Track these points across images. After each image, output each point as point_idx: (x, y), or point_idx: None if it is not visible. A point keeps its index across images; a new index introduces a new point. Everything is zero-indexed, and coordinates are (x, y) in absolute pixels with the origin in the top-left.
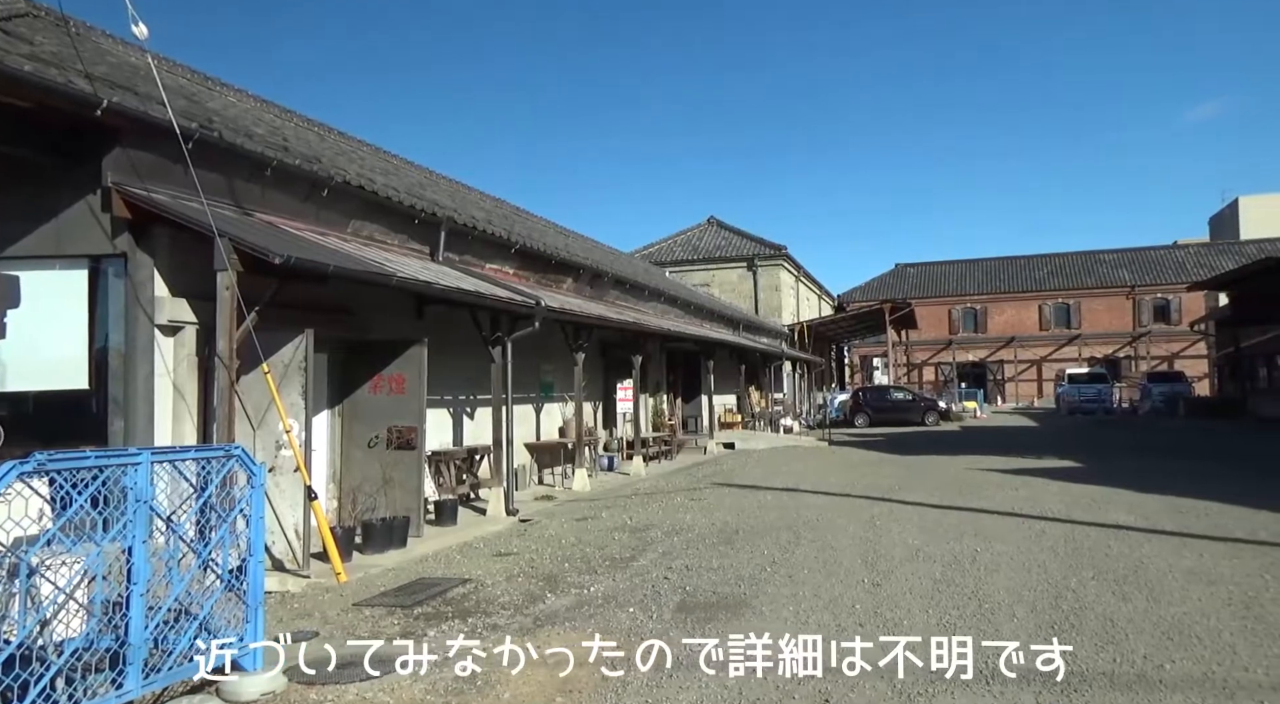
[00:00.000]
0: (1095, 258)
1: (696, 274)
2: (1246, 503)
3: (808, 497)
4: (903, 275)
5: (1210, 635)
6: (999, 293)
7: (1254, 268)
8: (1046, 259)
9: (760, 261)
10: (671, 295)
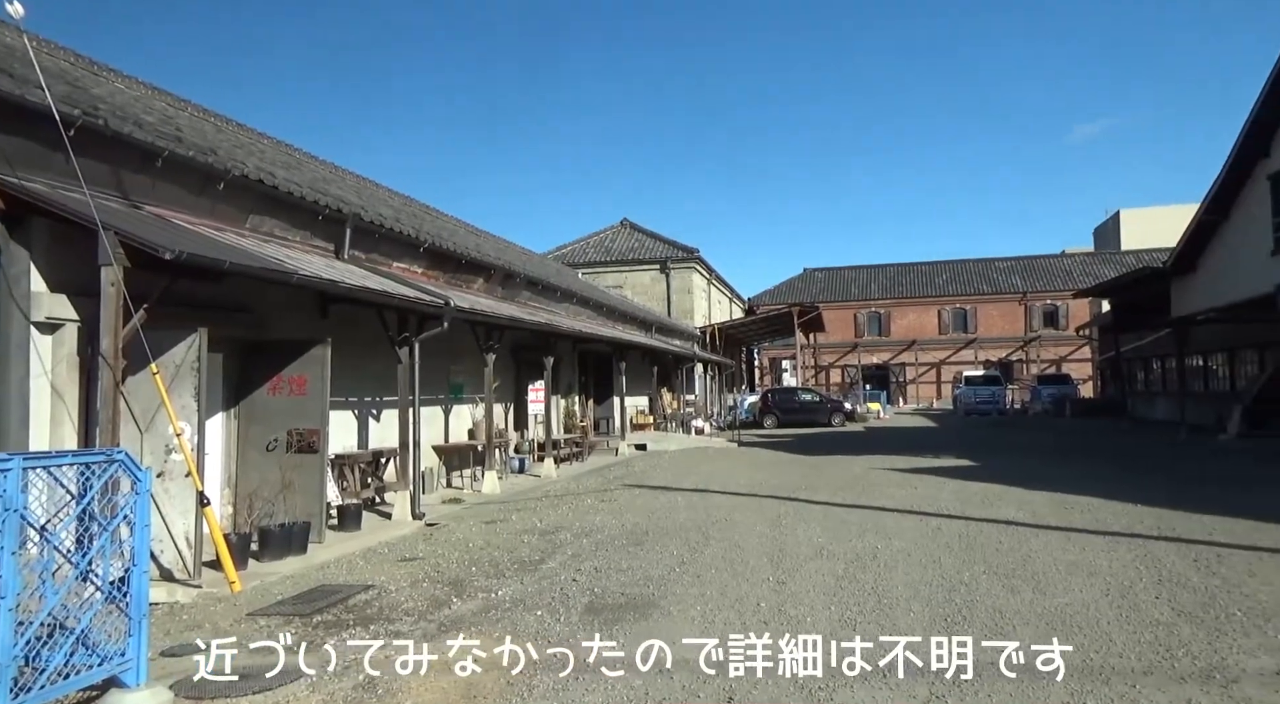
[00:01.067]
0: (990, 265)
1: (609, 276)
2: (1123, 498)
3: (717, 497)
4: (811, 280)
5: (1090, 624)
6: (902, 298)
7: (1132, 277)
8: (946, 266)
9: (673, 264)
10: (584, 297)
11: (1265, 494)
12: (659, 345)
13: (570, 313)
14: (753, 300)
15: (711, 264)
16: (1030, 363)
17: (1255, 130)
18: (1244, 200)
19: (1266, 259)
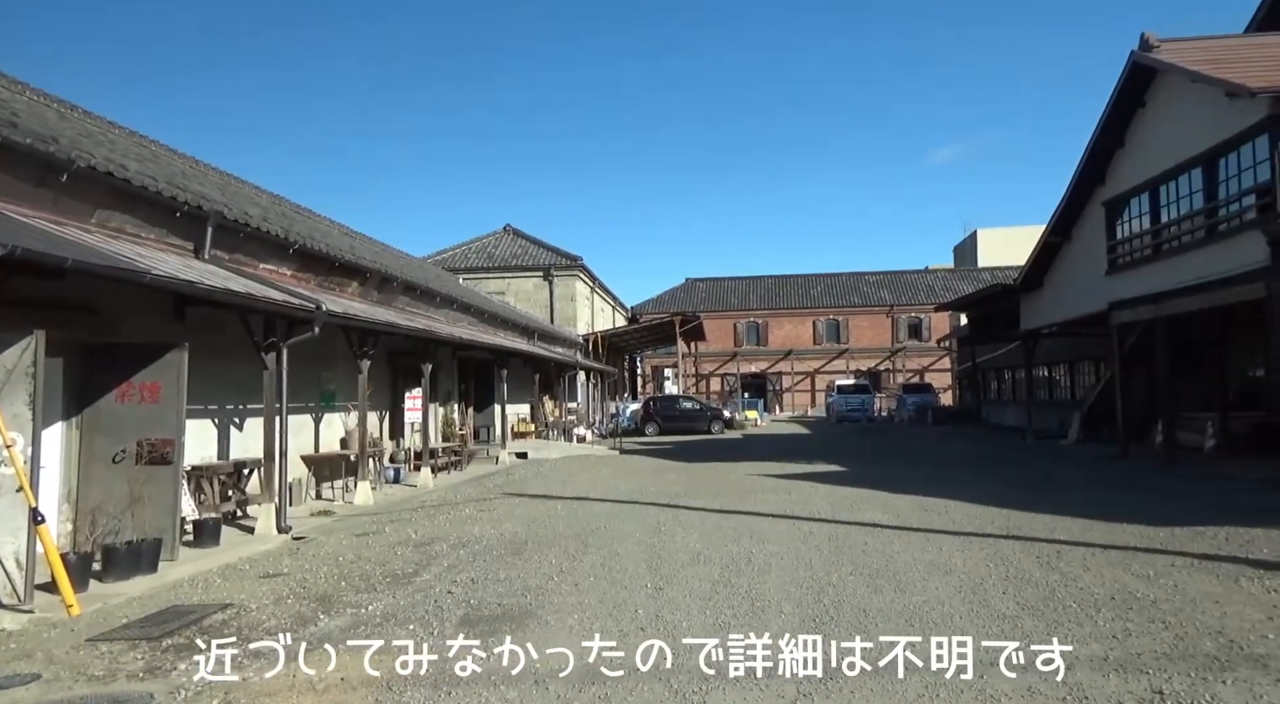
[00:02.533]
0: (861, 279)
1: (492, 282)
2: (977, 501)
3: (597, 504)
4: (693, 289)
5: (944, 620)
6: (779, 309)
7: (986, 292)
8: (820, 278)
9: (556, 272)
10: (465, 303)
11: (1097, 495)
12: (542, 353)
13: (450, 319)
14: (636, 309)
15: (595, 272)
16: (897, 372)
17: (1092, 159)
18: (1083, 224)
19: (1101, 279)
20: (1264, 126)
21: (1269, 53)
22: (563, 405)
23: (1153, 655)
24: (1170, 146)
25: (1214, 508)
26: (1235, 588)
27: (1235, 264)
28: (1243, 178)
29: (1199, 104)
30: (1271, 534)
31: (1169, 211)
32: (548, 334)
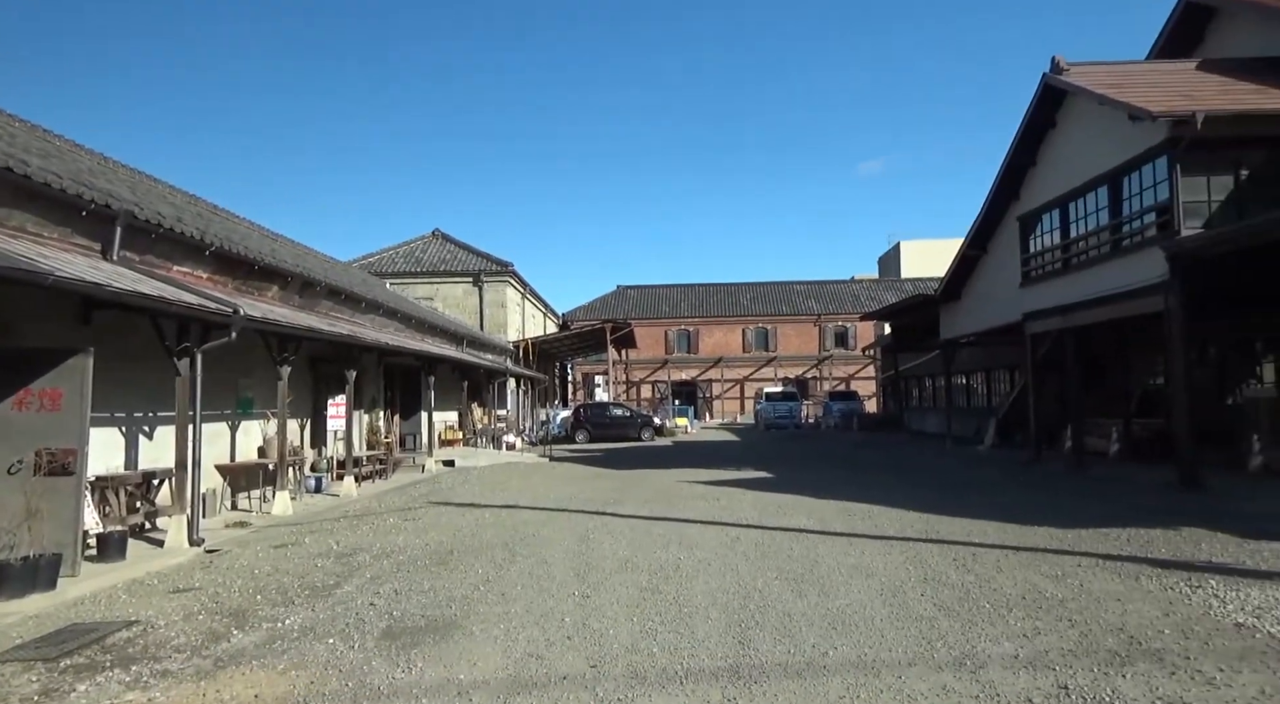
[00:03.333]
0: (789, 288)
1: (420, 287)
2: (898, 505)
3: (526, 513)
4: (624, 296)
5: (865, 622)
6: (709, 317)
7: (908, 303)
8: (749, 287)
9: (486, 277)
10: (391, 308)
11: (1010, 498)
12: (470, 359)
13: (376, 324)
14: (567, 316)
15: (526, 278)
16: (823, 380)
17: (1006, 177)
18: (999, 238)
19: (1016, 290)
20: (1163, 148)
21: (1169, 79)
22: (492, 412)
23: (1059, 652)
24: (1078, 165)
25: (1117, 510)
26: (1135, 586)
27: (1137, 278)
28: (1144, 196)
29: (1105, 125)
30: (1168, 534)
31: (1078, 227)
32: (477, 340)
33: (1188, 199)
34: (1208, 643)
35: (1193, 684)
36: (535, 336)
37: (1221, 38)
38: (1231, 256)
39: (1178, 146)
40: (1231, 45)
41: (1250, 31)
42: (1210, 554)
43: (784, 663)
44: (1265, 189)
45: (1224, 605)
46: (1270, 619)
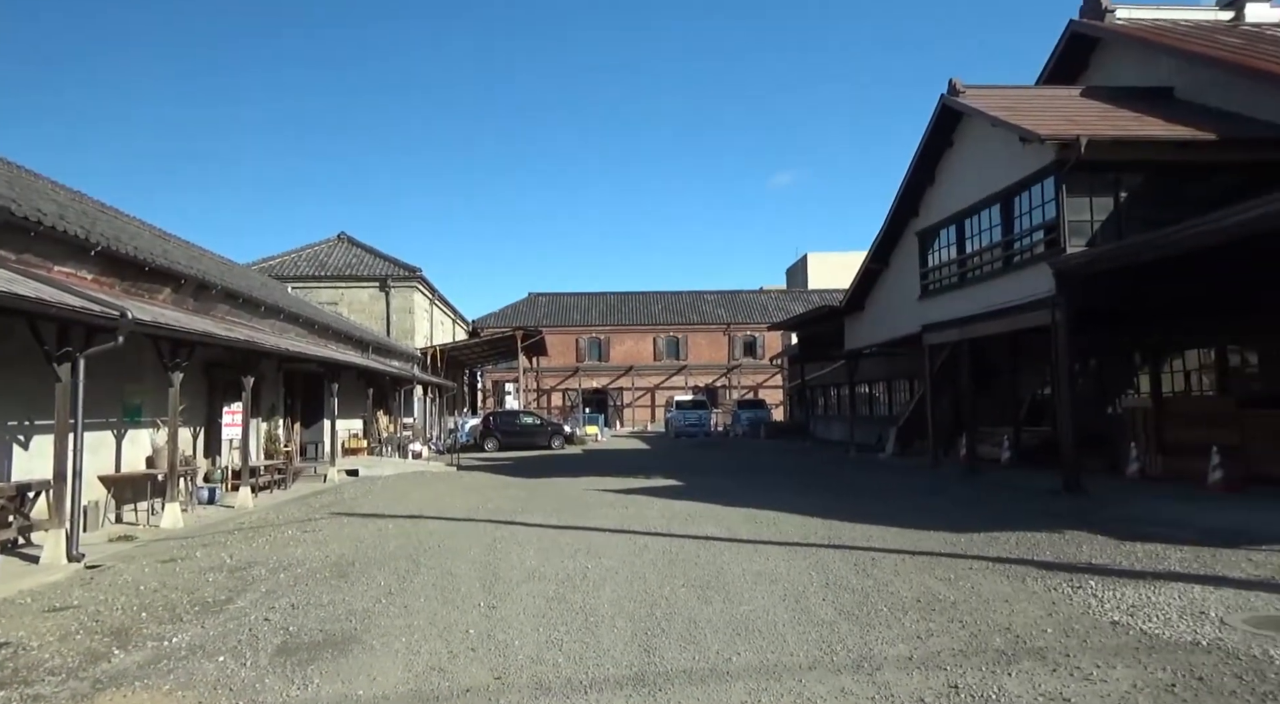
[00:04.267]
0: (700, 297)
1: (324, 292)
2: (803, 512)
3: (432, 523)
4: (535, 304)
5: (768, 628)
6: (621, 325)
7: (814, 313)
8: (660, 296)
9: (394, 282)
10: (293, 313)
11: (909, 504)
12: (376, 366)
13: (277, 330)
14: (477, 323)
15: (435, 284)
16: (733, 389)
17: (906, 194)
18: (900, 252)
19: (915, 303)
20: (1051, 170)
21: (1056, 103)
22: (398, 421)
23: (951, 653)
24: (973, 184)
25: (1007, 514)
26: (1022, 587)
27: (1027, 293)
28: (1034, 215)
29: (998, 146)
30: (1053, 537)
31: (973, 243)
32: (383, 347)
33: (1073, 218)
34: (1086, 640)
35: (1071, 680)
36: (444, 343)
37: (1104, 66)
38: (1111, 274)
39: (1064, 168)
40: (1113, 74)
41: (1130, 62)
42: (1090, 556)
43: (688, 670)
44: (1142, 210)
45: (1101, 605)
46: (1142, 616)
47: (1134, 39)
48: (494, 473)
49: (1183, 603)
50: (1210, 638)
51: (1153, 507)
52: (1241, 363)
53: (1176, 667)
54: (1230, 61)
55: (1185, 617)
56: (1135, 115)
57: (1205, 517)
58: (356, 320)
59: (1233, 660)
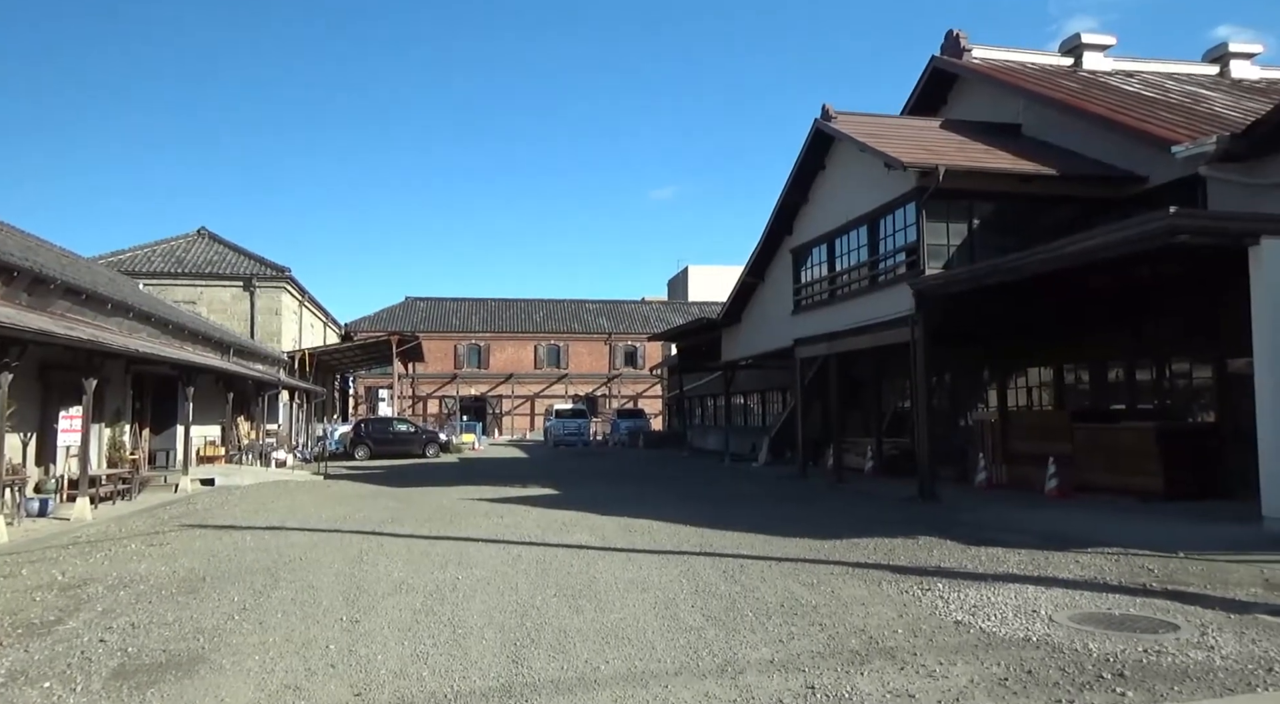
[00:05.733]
0: (581, 306)
1: (180, 290)
2: (676, 520)
3: (294, 534)
4: (413, 308)
5: (638, 635)
6: (501, 332)
7: (693, 325)
8: (542, 303)
9: (260, 282)
10: (144, 311)
11: (778, 512)
12: (238, 370)
13: (126, 329)
14: (350, 326)
15: (305, 285)
16: (613, 398)
17: (782, 212)
18: (774, 268)
19: (788, 318)
20: (912, 196)
21: (919, 133)
22: (260, 427)
23: (809, 655)
24: (843, 205)
25: (868, 521)
26: (878, 591)
27: (891, 311)
28: (897, 237)
29: (866, 170)
30: (908, 543)
31: (842, 262)
32: (246, 349)
33: (932, 242)
34: (932, 640)
35: (917, 678)
36: (314, 347)
37: (961, 101)
38: (964, 295)
39: (924, 195)
40: (969, 109)
41: (984, 98)
42: (940, 560)
43: (556, 679)
44: (992, 237)
45: (947, 605)
46: (982, 616)
47: (988, 77)
48: (364, 482)
49: (1018, 602)
50: (1040, 634)
51: (996, 513)
52: (1075, 380)
53: (1009, 661)
54: (1069, 103)
55: (1019, 615)
56: (987, 148)
57: (1041, 522)
58: (217, 321)
59: (1058, 654)
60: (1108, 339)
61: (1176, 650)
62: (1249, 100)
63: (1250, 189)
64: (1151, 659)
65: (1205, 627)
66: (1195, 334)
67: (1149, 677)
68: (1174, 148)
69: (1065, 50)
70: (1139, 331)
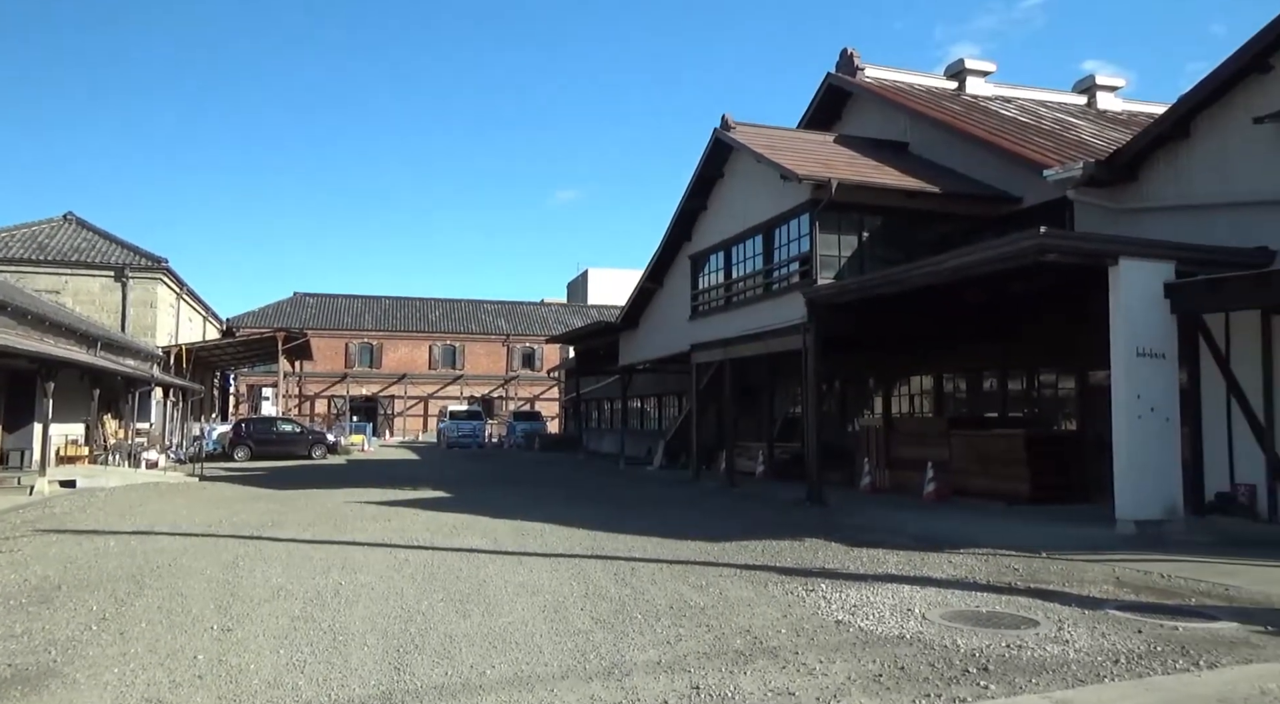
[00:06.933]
0: (479, 306)
1: (43, 278)
2: (570, 523)
3: (164, 539)
4: (301, 305)
5: (526, 639)
6: (395, 331)
7: (592, 328)
8: (438, 303)
9: (134, 273)
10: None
11: (671, 515)
12: (106, 365)
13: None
14: (233, 321)
15: (184, 278)
16: (510, 400)
17: (681, 219)
18: (673, 273)
19: (686, 323)
20: (806, 207)
21: (814, 147)
22: (130, 426)
23: (696, 655)
24: (740, 214)
25: (758, 524)
26: (764, 592)
27: (784, 318)
28: (791, 247)
29: (762, 180)
30: (795, 545)
31: (739, 269)
32: (116, 344)
33: (824, 252)
34: (813, 639)
35: (798, 676)
36: (193, 342)
37: (854, 117)
38: (853, 305)
39: (817, 207)
40: (861, 125)
41: (875, 116)
42: (824, 561)
43: (440, 685)
44: (881, 249)
45: (829, 605)
46: (861, 615)
47: (879, 96)
48: (243, 484)
49: (895, 601)
50: (913, 632)
51: (879, 516)
52: (954, 389)
53: (884, 659)
54: (952, 125)
55: (895, 614)
56: (876, 164)
57: (919, 524)
58: (83, 313)
59: (929, 651)
60: (983, 350)
61: (1036, 645)
62: (1112, 130)
63: (1112, 213)
64: (1013, 653)
65: (1062, 622)
66: (1061, 347)
67: (1010, 670)
68: (1045, 171)
69: (950, 74)
70: (1011, 344)
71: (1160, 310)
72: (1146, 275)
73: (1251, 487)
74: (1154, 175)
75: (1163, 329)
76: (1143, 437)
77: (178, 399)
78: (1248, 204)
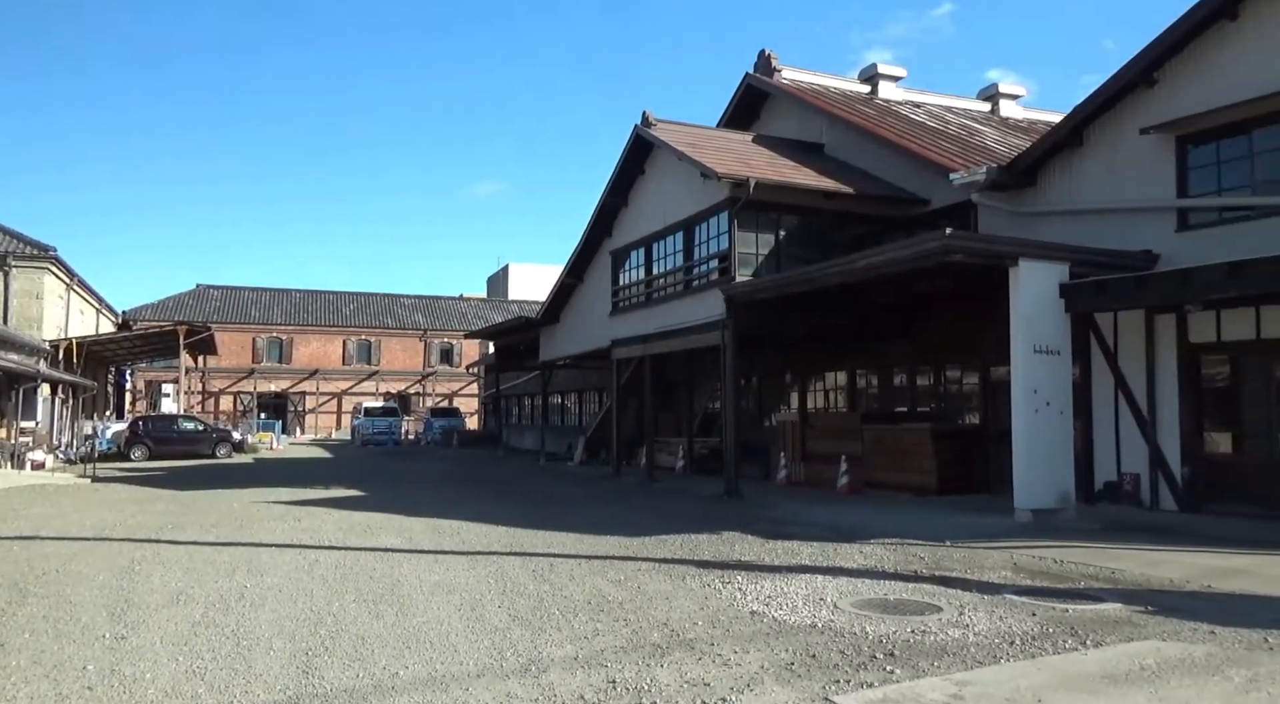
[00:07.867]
0: (396, 301)
1: None
2: (488, 520)
3: (50, 544)
4: (205, 297)
5: (441, 639)
6: (306, 325)
7: (512, 324)
8: (353, 297)
9: (17, 261)
10: None
11: (591, 511)
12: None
13: None
14: (130, 314)
15: (74, 268)
16: (427, 396)
17: (602, 214)
18: (594, 269)
19: (607, 319)
20: (725, 205)
21: (732, 146)
22: (13, 425)
23: (613, 650)
24: (661, 210)
25: (676, 518)
26: (682, 585)
27: (703, 315)
28: (710, 244)
29: (682, 178)
30: (712, 538)
31: (659, 265)
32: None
33: (742, 250)
34: (729, 630)
35: (713, 666)
36: (84, 336)
37: (772, 118)
38: (770, 302)
39: (736, 205)
40: (779, 126)
41: (792, 117)
42: (741, 554)
43: (350, 688)
44: (797, 248)
45: (745, 597)
46: (775, 606)
47: (796, 98)
48: (141, 485)
49: (808, 592)
50: (825, 620)
51: (794, 509)
52: (866, 385)
53: (797, 647)
54: (865, 128)
55: (808, 603)
56: (794, 165)
57: (833, 516)
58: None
59: (839, 638)
60: (894, 347)
61: (938, 630)
62: (1014, 136)
63: (1013, 216)
64: (918, 638)
65: (963, 607)
66: (965, 344)
67: (914, 654)
68: (951, 175)
69: (864, 78)
70: (919, 340)
71: (1056, 309)
72: (1044, 276)
73: (1136, 475)
74: (1051, 181)
75: (1058, 327)
76: (1039, 430)
77: (67, 396)
78: (1135, 210)
